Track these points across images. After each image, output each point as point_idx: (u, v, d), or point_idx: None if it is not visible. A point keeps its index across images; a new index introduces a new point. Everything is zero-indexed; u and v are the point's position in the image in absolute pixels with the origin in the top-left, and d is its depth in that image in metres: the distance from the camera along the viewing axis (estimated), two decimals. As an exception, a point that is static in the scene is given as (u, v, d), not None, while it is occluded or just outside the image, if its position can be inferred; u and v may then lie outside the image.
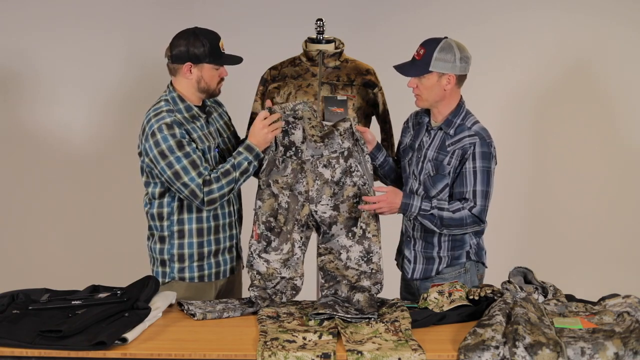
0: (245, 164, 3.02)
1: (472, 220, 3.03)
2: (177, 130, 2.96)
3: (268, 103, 3.13)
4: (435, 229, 3.06)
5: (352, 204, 3.07)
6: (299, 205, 3.09)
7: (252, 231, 3.11)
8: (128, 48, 4.62)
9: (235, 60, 3.13)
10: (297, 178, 3.09)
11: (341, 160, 3.08)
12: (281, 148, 3.09)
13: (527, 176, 4.78)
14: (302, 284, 3.08)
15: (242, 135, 3.36)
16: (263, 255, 3.08)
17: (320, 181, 3.07)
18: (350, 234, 3.06)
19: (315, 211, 3.08)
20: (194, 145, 2.99)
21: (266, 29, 4.59)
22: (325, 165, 3.08)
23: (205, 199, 2.96)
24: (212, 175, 2.98)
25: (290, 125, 3.08)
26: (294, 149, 3.09)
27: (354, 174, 3.07)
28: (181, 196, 3.00)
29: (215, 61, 3.05)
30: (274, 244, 3.09)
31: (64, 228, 4.73)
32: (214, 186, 2.97)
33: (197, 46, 3.02)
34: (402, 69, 3.10)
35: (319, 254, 3.11)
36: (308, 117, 3.07)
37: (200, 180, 2.95)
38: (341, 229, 3.07)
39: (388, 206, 3.03)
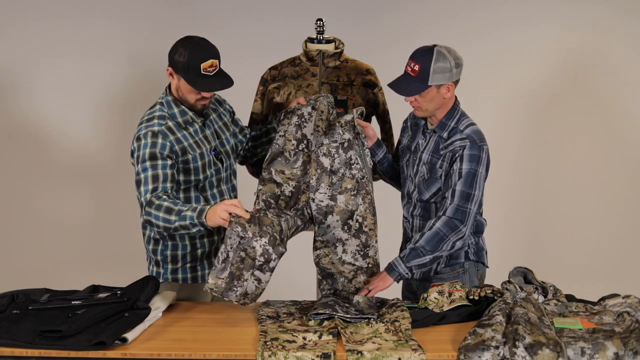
0: (188, 222, 2.78)
1: (447, 225, 2.94)
2: (159, 141, 2.93)
3: (302, 101, 3.16)
4: (433, 263, 3.00)
5: (350, 197, 3.06)
6: (300, 193, 3.09)
7: (253, 208, 3.10)
8: (129, 48, 4.62)
9: (211, 86, 2.96)
10: (306, 170, 3.10)
11: (340, 151, 3.07)
12: (294, 141, 3.11)
13: (527, 176, 4.79)
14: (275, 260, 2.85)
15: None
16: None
17: (320, 169, 3.07)
18: (346, 227, 3.06)
19: (313, 199, 3.07)
20: (170, 161, 2.93)
21: (266, 28, 4.59)
22: (325, 154, 3.07)
23: (143, 217, 2.87)
24: (159, 200, 2.84)
25: (303, 119, 3.10)
26: (305, 141, 3.10)
27: (353, 166, 3.08)
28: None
29: (187, 80, 2.94)
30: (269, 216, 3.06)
31: (64, 228, 4.73)
32: (152, 212, 2.83)
33: (177, 56, 2.93)
34: (400, 88, 3.02)
35: (315, 248, 3.09)
36: (321, 110, 3.11)
37: (148, 196, 2.85)
38: (337, 220, 3.06)
39: (382, 286, 2.97)
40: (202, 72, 2.93)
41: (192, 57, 2.92)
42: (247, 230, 2.73)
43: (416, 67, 2.98)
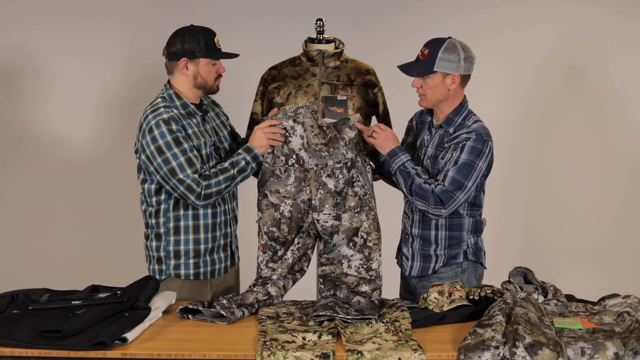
0: (243, 163, 3.04)
1: (434, 199, 2.99)
2: (174, 126, 2.99)
3: (273, 112, 3.13)
4: (403, 189, 3.07)
5: (354, 214, 3.06)
6: (302, 213, 3.08)
7: (258, 243, 3.11)
8: (129, 47, 4.62)
9: (231, 54, 3.15)
10: (300, 187, 3.08)
11: (344, 171, 3.06)
12: (282, 157, 3.08)
13: (527, 176, 4.79)
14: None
15: (242, 136, 3.38)
16: (270, 264, 3.09)
17: (324, 190, 3.06)
18: (351, 244, 3.06)
19: (317, 220, 3.07)
20: (191, 142, 3.01)
21: (266, 28, 4.60)
22: (329, 175, 3.06)
23: (203, 192, 2.98)
24: (211, 171, 3.01)
25: (288, 132, 3.07)
26: (294, 156, 3.07)
27: (355, 184, 3.07)
28: (175, 194, 3.01)
29: (210, 55, 3.08)
30: (280, 253, 3.09)
31: (64, 228, 4.73)
32: (212, 181, 3.00)
33: (192, 42, 3.06)
34: (406, 69, 3.10)
35: (320, 264, 3.11)
36: (310, 125, 3.06)
37: (196, 176, 2.97)
38: (342, 238, 3.06)
39: (380, 142, 3.08)
40: (217, 46, 3.12)
41: (206, 37, 3.07)
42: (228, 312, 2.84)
43: (426, 52, 3.05)
